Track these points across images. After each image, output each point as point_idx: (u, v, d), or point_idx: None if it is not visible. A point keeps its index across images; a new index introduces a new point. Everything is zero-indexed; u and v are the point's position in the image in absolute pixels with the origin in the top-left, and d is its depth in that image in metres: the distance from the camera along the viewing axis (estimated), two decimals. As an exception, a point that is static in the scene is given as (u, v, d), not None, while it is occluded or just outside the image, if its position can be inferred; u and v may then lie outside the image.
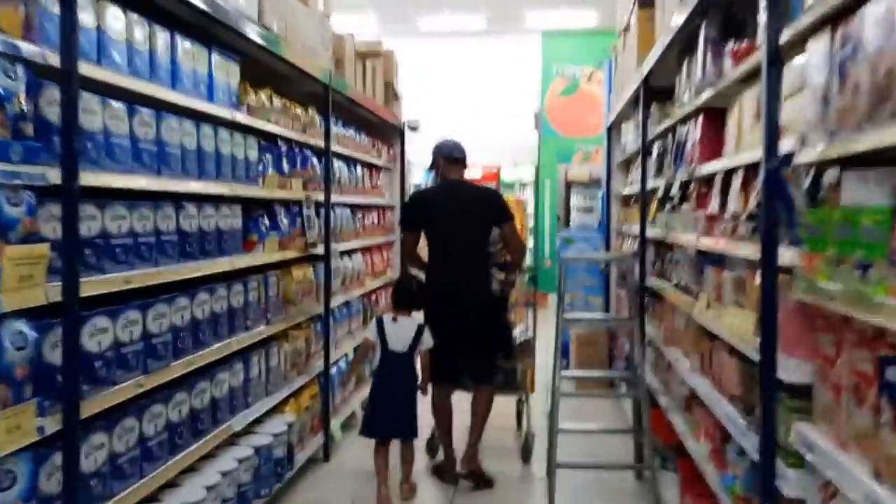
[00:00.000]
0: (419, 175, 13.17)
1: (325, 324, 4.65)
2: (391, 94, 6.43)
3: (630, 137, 5.77)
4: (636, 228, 5.19)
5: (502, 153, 14.27)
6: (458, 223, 4.39)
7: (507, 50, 14.58)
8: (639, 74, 4.58)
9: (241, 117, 3.40)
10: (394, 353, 4.11)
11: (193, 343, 2.95)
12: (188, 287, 2.96)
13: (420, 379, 4.19)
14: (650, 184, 4.47)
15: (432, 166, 4.72)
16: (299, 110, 4.27)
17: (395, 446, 4.15)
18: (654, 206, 4.59)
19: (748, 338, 2.32)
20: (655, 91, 4.51)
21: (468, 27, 13.53)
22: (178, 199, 2.87)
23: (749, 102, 2.51)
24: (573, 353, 6.72)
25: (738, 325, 2.46)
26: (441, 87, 14.34)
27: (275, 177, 3.81)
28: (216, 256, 3.17)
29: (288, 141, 4.12)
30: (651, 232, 4.44)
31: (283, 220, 4.01)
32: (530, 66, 14.71)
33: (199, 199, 3.06)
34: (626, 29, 5.57)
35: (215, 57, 3.19)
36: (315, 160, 4.53)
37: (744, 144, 2.57)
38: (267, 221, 3.82)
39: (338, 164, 5.07)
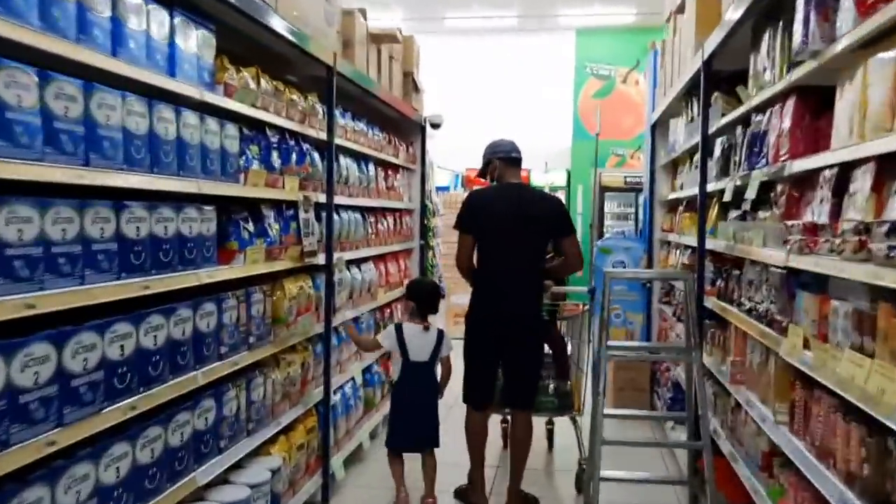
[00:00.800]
0: (441, 177, 12.52)
1: (326, 345, 4.00)
2: (410, 86, 5.79)
3: (680, 135, 5.06)
4: (689, 239, 4.48)
5: (533, 157, 13.59)
6: (513, 232, 3.83)
7: (539, 48, 13.88)
8: (698, 58, 3.87)
9: (214, 98, 2.77)
10: (415, 363, 3.95)
11: (141, 380, 2.32)
12: (143, 306, 2.34)
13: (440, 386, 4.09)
14: (711, 186, 3.76)
15: (485, 169, 4.11)
16: (296, 96, 3.64)
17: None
18: (713, 212, 3.88)
19: (889, 402, 1.62)
20: (718, 78, 3.81)
21: (498, 24, 12.87)
22: (121, 197, 2.24)
23: (884, 71, 1.82)
24: (610, 376, 6.02)
25: (866, 379, 1.76)
26: (468, 86, 13.68)
27: (262, 173, 3.17)
28: (178, 269, 2.54)
29: (280, 131, 3.48)
30: (711, 243, 3.73)
31: (273, 225, 3.37)
32: (563, 66, 14.01)
33: (156, 198, 2.44)
34: (679, 10, 4.86)
35: (179, 21, 2.56)
36: (316, 155, 3.89)
37: (871, 129, 1.87)
38: (251, 226, 3.19)
39: (345, 161, 4.43)
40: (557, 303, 4.60)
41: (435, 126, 6.40)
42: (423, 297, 4.07)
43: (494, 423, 4.68)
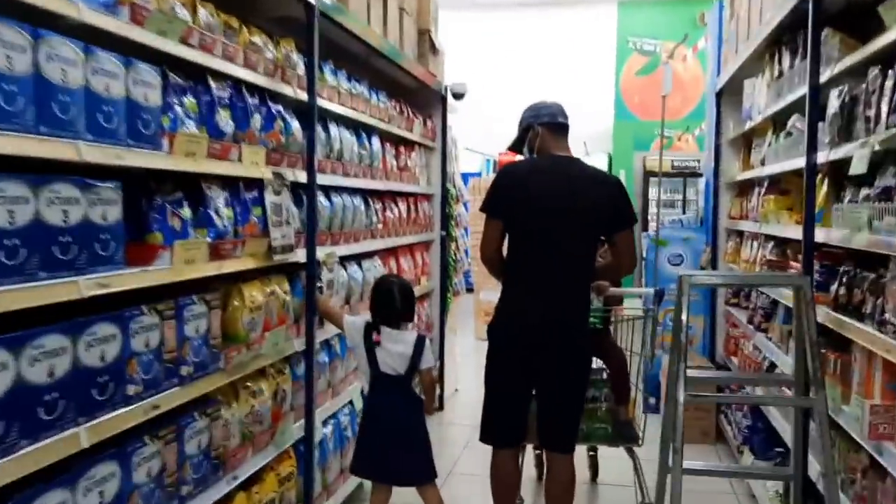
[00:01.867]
0: (471, 162, 11.53)
1: (309, 365, 3.11)
2: (427, 46, 4.85)
3: (759, 98, 4.06)
4: (775, 228, 3.49)
5: (571, 139, 12.64)
6: (558, 219, 2.88)
7: (578, 22, 12.88)
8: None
9: (105, 21, 1.87)
10: (386, 375, 3.09)
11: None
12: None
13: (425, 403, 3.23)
14: (822, 156, 2.77)
15: (521, 138, 3.15)
16: (259, 39, 2.73)
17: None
18: (822, 191, 2.90)
19: None
20: (824, 16, 2.82)
21: (534, -5, 11.90)
22: None
23: None
24: (664, 393, 5.04)
25: None
26: (503, 64, 12.72)
27: (200, 138, 2.28)
28: (39, 277, 1.66)
29: (236, 84, 2.59)
30: (821, 234, 2.76)
31: (223, 211, 2.48)
32: (604, 41, 13.00)
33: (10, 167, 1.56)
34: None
35: None
36: (294, 122, 3.00)
37: None
38: (187, 212, 2.30)
39: (337, 132, 3.52)
40: (611, 308, 3.65)
41: (458, 96, 5.47)
42: (381, 303, 3.16)
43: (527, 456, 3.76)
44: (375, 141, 4.07)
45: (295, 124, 2.99)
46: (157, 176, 2.22)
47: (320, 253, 3.21)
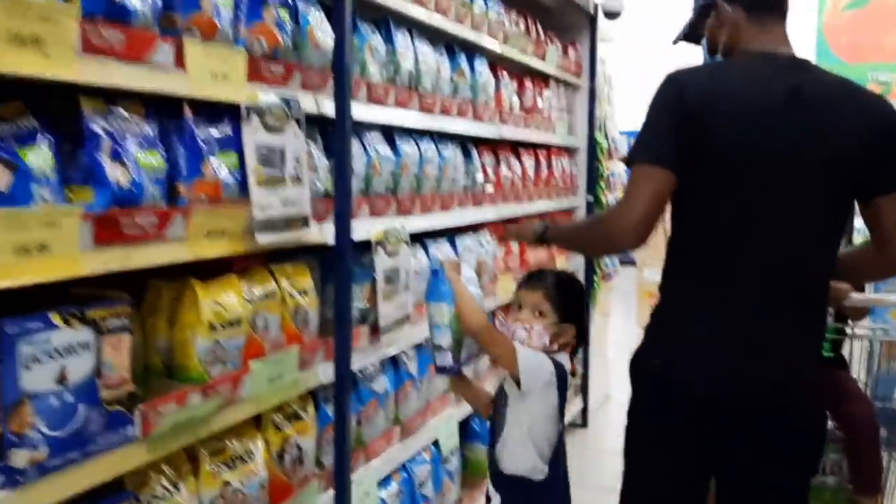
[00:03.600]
0: (630, 114, 10.02)
1: (340, 409, 1.99)
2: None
3: None
4: None
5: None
6: (783, 172, 1.51)
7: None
8: None
9: None
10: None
11: None
12: None
13: None
14: None
15: (696, 24, 1.76)
16: None
17: None
18: None
19: None
20: None
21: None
22: None
23: None
24: None
25: None
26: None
27: (63, 10, 1.19)
28: None
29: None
30: None
31: (134, 154, 1.38)
32: (804, -33, 10.85)
33: None
34: None
35: None
36: (311, 13, 1.86)
37: None
38: (41, 152, 1.23)
39: (409, 44, 2.34)
40: (845, 325, 2.24)
41: (611, 15, 4.10)
42: (578, 312, 1.92)
43: None
44: (482, 66, 2.86)
45: (315, 18, 1.85)
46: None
47: (373, 229, 2.07)
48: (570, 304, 1.87)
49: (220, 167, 1.54)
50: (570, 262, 4.05)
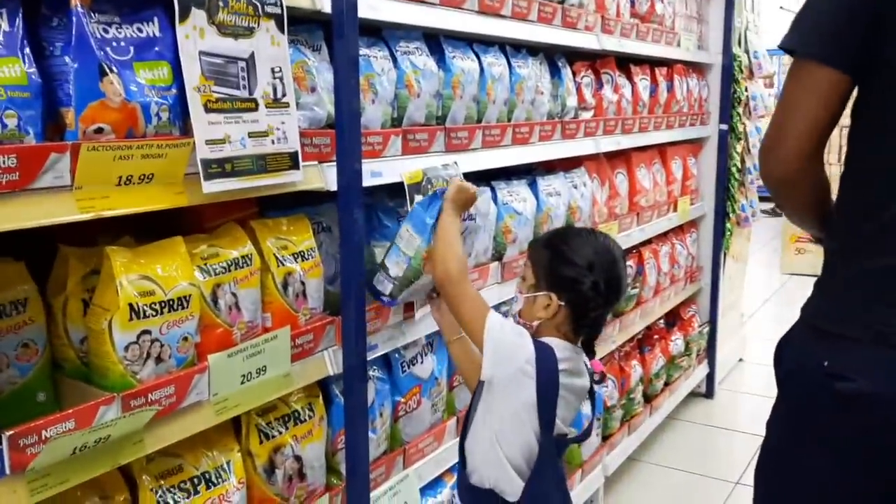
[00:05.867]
0: (781, 29, 8.75)
1: (350, 406, 1.51)
2: None
3: None
4: None
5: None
6: None
7: None
8: None
9: None
10: (559, 440, 1.43)
11: None
12: None
13: None
14: None
15: None
16: None
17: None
18: None
19: None
20: None
21: None
22: None
23: None
24: None
25: None
26: None
27: None
28: None
29: None
30: None
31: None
32: None
33: None
34: None
35: None
36: None
37: None
38: None
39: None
40: None
41: None
42: (606, 290, 1.38)
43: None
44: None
45: None
46: None
47: (408, 169, 1.56)
48: (557, 265, 1.37)
49: (138, 85, 1.06)
50: (698, 206, 3.37)
